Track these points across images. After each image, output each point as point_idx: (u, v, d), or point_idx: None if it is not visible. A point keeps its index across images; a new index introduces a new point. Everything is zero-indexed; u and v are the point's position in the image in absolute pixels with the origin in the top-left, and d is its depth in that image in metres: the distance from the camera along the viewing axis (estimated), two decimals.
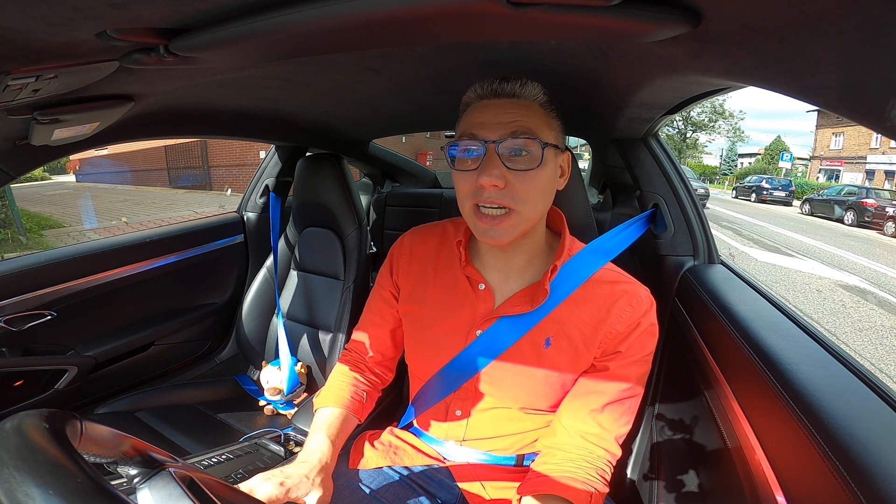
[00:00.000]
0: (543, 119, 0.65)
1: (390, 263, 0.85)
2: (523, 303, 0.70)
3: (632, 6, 0.38)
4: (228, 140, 3.95)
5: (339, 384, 0.80)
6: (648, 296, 0.70)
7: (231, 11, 0.44)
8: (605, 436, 0.66)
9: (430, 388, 0.77)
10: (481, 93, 0.66)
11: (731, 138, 29.46)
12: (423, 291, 0.79)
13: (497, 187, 0.61)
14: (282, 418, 1.39)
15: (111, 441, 0.35)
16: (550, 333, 0.69)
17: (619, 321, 0.67)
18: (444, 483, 0.76)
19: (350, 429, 0.76)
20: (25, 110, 0.64)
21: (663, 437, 0.92)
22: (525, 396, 0.71)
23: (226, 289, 1.70)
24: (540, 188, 0.64)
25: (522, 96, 0.65)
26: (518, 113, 0.63)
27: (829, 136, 27.13)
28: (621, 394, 0.67)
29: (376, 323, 0.85)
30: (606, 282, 0.71)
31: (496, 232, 0.64)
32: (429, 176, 2.26)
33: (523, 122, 0.63)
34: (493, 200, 0.62)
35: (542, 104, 0.66)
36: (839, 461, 0.42)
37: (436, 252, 0.80)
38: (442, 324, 0.76)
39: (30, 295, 1.16)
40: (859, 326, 4.11)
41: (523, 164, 0.62)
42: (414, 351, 0.81)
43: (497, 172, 0.61)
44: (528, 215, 0.64)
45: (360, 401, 0.79)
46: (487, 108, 0.65)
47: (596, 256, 0.74)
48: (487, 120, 0.63)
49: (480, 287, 0.73)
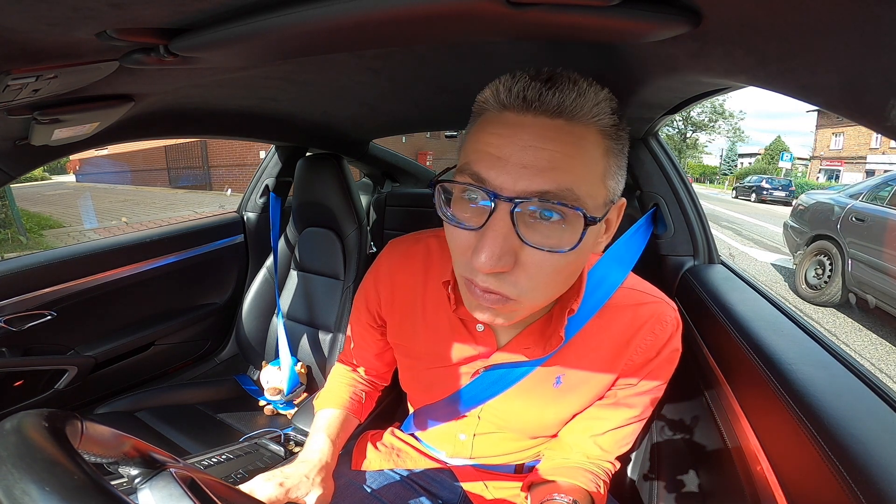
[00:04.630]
0: (602, 161, 0.42)
1: (366, 293, 0.73)
2: (532, 345, 0.59)
3: (632, 6, 0.38)
4: (228, 140, 3.96)
5: (338, 385, 0.80)
6: (675, 317, 0.59)
7: (231, 11, 0.44)
8: (607, 457, 0.66)
9: (431, 413, 0.75)
10: (507, 100, 0.42)
11: (730, 138, 29.45)
12: (413, 329, 0.68)
13: (501, 272, 0.42)
14: (282, 418, 1.39)
15: (111, 441, 0.35)
16: (562, 372, 0.61)
17: (638, 353, 0.58)
18: (445, 483, 0.76)
19: (350, 429, 0.76)
20: (25, 110, 0.64)
21: (663, 437, 0.92)
22: (531, 428, 0.69)
23: (226, 289, 1.70)
24: (563, 275, 0.46)
25: (576, 116, 0.41)
26: (563, 151, 0.40)
27: (830, 136, 27.21)
28: (628, 420, 0.63)
29: (360, 346, 0.79)
30: (628, 306, 0.58)
31: (491, 315, 0.47)
32: (429, 176, 2.26)
33: (568, 170, 0.40)
34: (488, 288, 0.44)
35: (604, 132, 0.42)
36: (839, 461, 0.42)
37: (422, 283, 0.66)
38: (439, 366, 0.68)
39: (30, 295, 1.16)
40: (858, 326, 4.11)
41: (549, 242, 0.41)
42: (410, 385, 0.76)
43: (505, 248, 0.41)
44: (533, 304, 0.47)
45: (359, 401, 0.79)
46: (512, 132, 0.41)
47: (613, 270, 0.61)
48: (508, 154, 0.40)
49: (479, 329, 0.62)
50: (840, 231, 4.06)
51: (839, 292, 4.04)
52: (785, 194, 17.87)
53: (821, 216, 4.44)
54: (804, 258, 4.52)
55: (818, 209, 4.54)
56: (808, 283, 4.44)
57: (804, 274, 4.49)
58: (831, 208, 4.30)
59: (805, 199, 4.91)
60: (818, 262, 4.36)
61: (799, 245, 4.68)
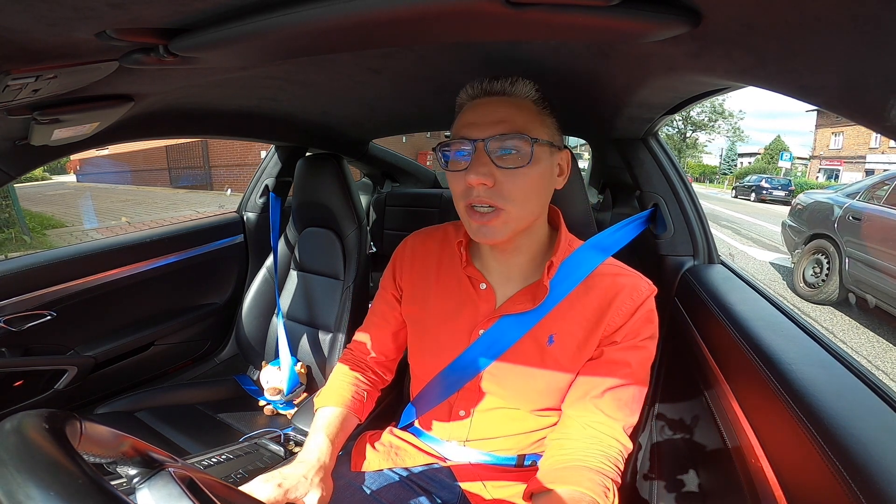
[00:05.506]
0: (535, 116, 0.65)
1: (393, 267, 0.85)
2: (525, 301, 0.70)
3: (632, 6, 0.38)
4: (228, 140, 3.96)
5: (340, 383, 0.80)
6: (650, 286, 0.69)
7: (231, 11, 0.44)
8: (612, 424, 0.63)
9: (433, 389, 0.77)
10: (472, 93, 0.67)
11: (730, 138, 29.52)
12: (425, 293, 0.79)
13: (486, 185, 0.61)
14: (282, 418, 1.39)
15: (111, 441, 0.35)
16: (553, 331, 0.69)
17: (618, 314, 0.67)
18: (444, 483, 0.76)
19: (350, 428, 0.76)
20: (25, 110, 0.64)
21: (663, 437, 0.92)
22: (529, 395, 0.71)
23: (226, 289, 1.70)
24: (530, 186, 0.64)
25: (513, 94, 0.65)
26: (508, 111, 0.63)
27: (829, 135, 27.43)
28: (620, 379, 0.65)
29: (378, 325, 0.85)
30: (607, 275, 0.71)
31: (487, 230, 0.64)
32: (429, 176, 2.26)
33: (512, 119, 0.62)
34: (482, 199, 0.62)
35: (534, 101, 0.66)
36: (839, 461, 0.42)
37: (437, 254, 0.81)
38: (444, 325, 0.76)
39: (30, 295, 1.16)
40: (856, 325, 4.13)
41: (512, 162, 0.62)
42: (417, 352, 0.81)
43: (485, 170, 0.61)
44: (517, 214, 0.64)
45: (360, 400, 0.79)
46: (478, 108, 0.65)
47: (595, 252, 0.73)
48: (477, 119, 0.63)
49: (482, 287, 0.73)
50: (837, 230, 4.10)
51: (837, 290, 4.07)
52: (784, 194, 17.85)
53: (819, 215, 4.47)
54: (802, 257, 4.54)
55: (816, 208, 4.59)
56: (806, 282, 4.46)
57: (802, 272, 4.51)
58: (830, 207, 4.33)
59: (803, 199, 4.94)
60: (816, 260, 4.38)
61: (797, 244, 4.69)
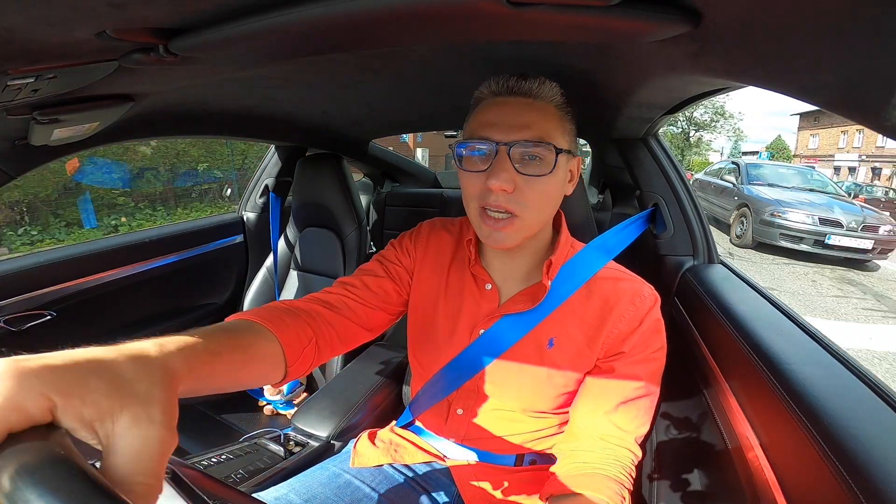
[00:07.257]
0: (558, 123, 0.63)
1: (403, 246, 0.79)
2: (525, 301, 0.70)
3: (632, 6, 0.38)
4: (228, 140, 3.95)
5: (275, 306, 0.62)
6: (652, 293, 0.69)
7: (231, 11, 0.44)
8: (625, 437, 0.64)
9: (433, 386, 0.77)
10: (496, 89, 0.64)
11: (731, 137, 29.81)
12: (435, 287, 0.77)
13: (506, 192, 0.60)
14: (282, 418, 1.40)
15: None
16: (554, 333, 0.69)
17: (621, 321, 0.66)
18: (442, 482, 0.76)
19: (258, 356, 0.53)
20: (25, 110, 0.64)
21: (663, 436, 0.92)
22: (527, 397, 0.70)
23: (225, 289, 1.70)
24: (548, 195, 0.64)
25: (539, 97, 0.62)
26: (532, 116, 0.61)
27: (808, 137, 32.30)
28: (633, 392, 0.65)
29: (361, 288, 0.72)
30: (609, 279, 0.70)
31: (500, 236, 0.63)
32: (429, 176, 2.26)
33: (538, 125, 0.60)
34: (499, 205, 0.61)
35: (558, 106, 0.64)
36: (839, 461, 0.42)
37: (453, 250, 0.79)
38: (447, 322, 0.75)
39: (30, 295, 1.16)
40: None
41: (535, 170, 0.60)
42: (418, 347, 0.80)
43: (507, 176, 0.59)
44: (531, 221, 0.63)
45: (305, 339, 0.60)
46: (501, 107, 0.62)
47: (597, 255, 0.73)
48: (501, 120, 0.61)
49: (487, 287, 0.73)
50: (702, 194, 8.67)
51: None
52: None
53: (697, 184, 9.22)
54: None
55: (698, 183, 9.33)
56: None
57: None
58: (704, 182, 9.16)
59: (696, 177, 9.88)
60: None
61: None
